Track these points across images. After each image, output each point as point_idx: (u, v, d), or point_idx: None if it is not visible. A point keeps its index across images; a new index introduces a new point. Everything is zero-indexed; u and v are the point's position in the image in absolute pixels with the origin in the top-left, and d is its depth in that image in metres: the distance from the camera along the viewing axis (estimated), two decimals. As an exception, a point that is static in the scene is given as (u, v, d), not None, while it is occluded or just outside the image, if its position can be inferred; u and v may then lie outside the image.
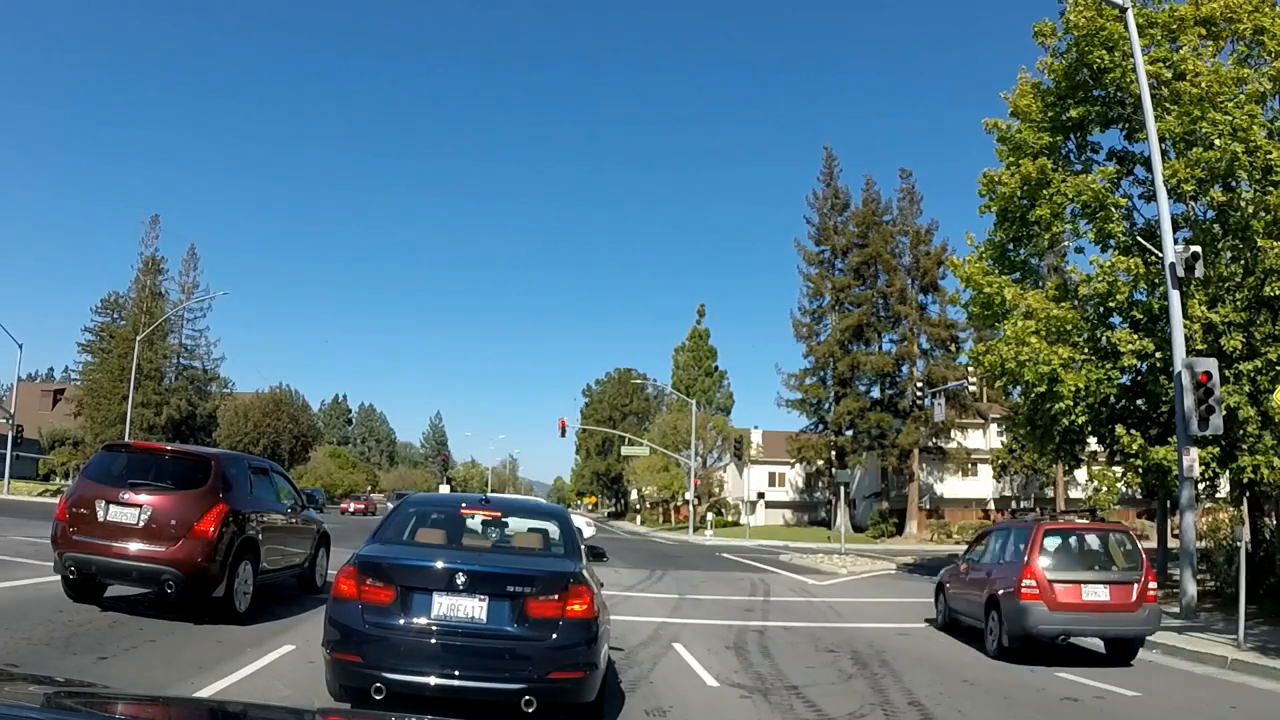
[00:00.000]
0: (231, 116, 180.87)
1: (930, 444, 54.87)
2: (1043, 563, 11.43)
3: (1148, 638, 11.92)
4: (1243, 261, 17.98)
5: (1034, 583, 11.23)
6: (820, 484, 62.50)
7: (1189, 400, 15.19)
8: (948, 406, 45.43)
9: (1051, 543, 11.84)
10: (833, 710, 7.75)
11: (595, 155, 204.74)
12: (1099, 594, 11.31)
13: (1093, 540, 12.19)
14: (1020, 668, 10.82)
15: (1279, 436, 16.96)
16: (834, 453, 56.04)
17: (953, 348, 53.24)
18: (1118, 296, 18.88)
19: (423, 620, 6.04)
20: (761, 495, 66.00)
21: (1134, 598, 11.35)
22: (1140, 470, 18.38)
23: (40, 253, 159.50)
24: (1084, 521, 13.36)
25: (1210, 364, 15.40)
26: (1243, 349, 17.29)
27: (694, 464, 58.92)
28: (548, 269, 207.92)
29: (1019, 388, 20.83)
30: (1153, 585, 11.60)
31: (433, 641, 5.99)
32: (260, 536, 10.58)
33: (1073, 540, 12.12)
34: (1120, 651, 11.83)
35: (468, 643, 5.98)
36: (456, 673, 5.88)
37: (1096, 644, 12.15)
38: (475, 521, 7.56)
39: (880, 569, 28.16)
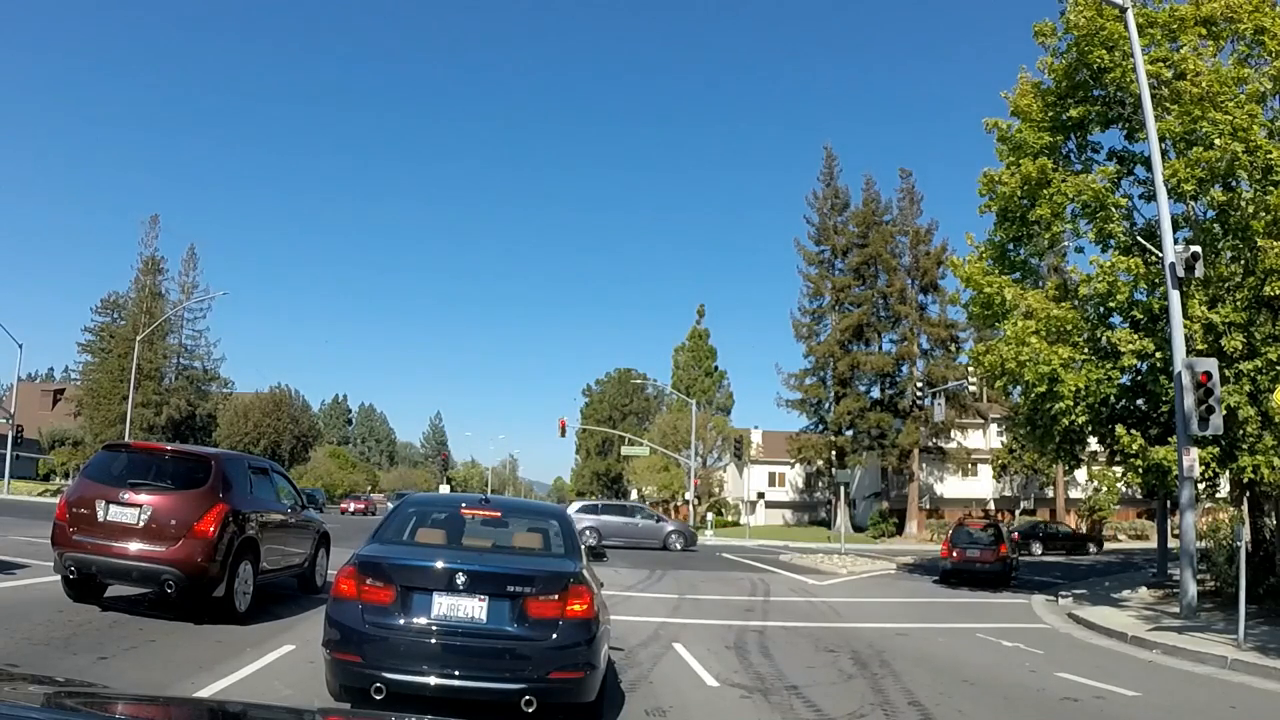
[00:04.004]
0: (232, 117, 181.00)
1: (930, 444, 54.85)
2: (952, 540, 24.66)
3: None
4: (1243, 261, 17.97)
5: (945, 549, 24.85)
6: (820, 484, 62.52)
7: (1189, 400, 15.18)
8: (948, 406, 45.40)
9: (955, 531, 25.53)
10: (833, 710, 7.75)
11: (595, 155, 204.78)
12: (973, 554, 23.72)
13: (976, 529, 25.09)
14: (1019, 667, 10.84)
15: (1279, 436, 16.95)
16: (834, 453, 56.02)
17: (953, 348, 53.26)
18: (1118, 296, 18.86)
19: (423, 620, 6.04)
20: (761, 495, 66.02)
21: (993, 556, 23.43)
22: (1140, 470, 18.36)
23: (40, 253, 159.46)
24: (975, 519, 29.93)
25: (1210, 364, 15.39)
26: (1243, 349, 17.27)
27: (694, 464, 58.92)
28: (548, 269, 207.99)
29: (1019, 388, 20.81)
30: (1004, 550, 23.74)
31: (433, 641, 5.98)
32: (260, 536, 10.57)
33: (965, 528, 25.38)
34: (986, 580, 23.05)
35: (468, 643, 5.97)
36: (456, 673, 5.88)
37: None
38: (475, 521, 7.55)
39: (880, 569, 28.15)
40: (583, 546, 7.34)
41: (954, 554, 23.96)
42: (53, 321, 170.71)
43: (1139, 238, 18.92)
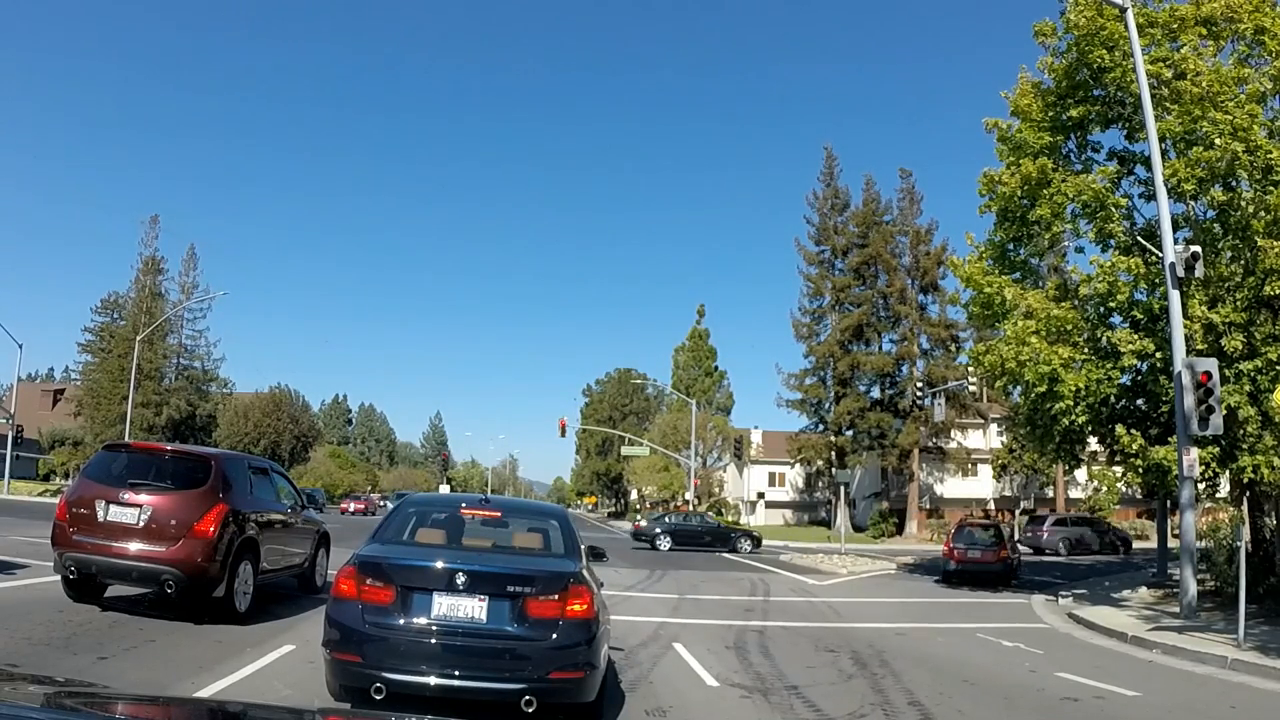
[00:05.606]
0: (232, 117, 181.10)
1: (930, 444, 54.80)
2: (954, 540, 24.94)
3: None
4: (1243, 261, 17.95)
5: (947, 549, 24.89)
6: (820, 484, 62.48)
7: (1189, 400, 15.17)
8: (948, 406, 45.34)
9: (957, 531, 25.80)
10: (832, 710, 7.75)
11: (596, 155, 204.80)
12: (975, 555, 24.04)
13: (979, 530, 25.58)
14: (1019, 667, 10.84)
15: (1279, 436, 16.94)
16: (834, 453, 55.98)
17: (953, 348, 53.17)
18: (1118, 296, 18.85)
19: (423, 620, 6.03)
20: (761, 495, 66.01)
21: (994, 557, 23.79)
22: (1140, 470, 18.35)
23: (40, 253, 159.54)
24: (976, 520, 31.36)
25: (1210, 364, 15.38)
26: (1243, 349, 17.26)
27: (694, 464, 58.90)
28: (548, 269, 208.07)
29: (1019, 388, 20.79)
30: (1005, 552, 24.04)
31: (433, 641, 5.98)
32: (260, 536, 10.57)
33: (967, 529, 25.63)
34: (988, 580, 23.37)
35: (468, 643, 5.97)
36: (456, 673, 5.88)
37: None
38: (475, 521, 7.54)
39: (880, 569, 28.14)
40: (582, 546, 7.33)
41: (956, 554, 24.36)
42: (53, 321, 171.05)
43: (1139, 238, 18.91)
